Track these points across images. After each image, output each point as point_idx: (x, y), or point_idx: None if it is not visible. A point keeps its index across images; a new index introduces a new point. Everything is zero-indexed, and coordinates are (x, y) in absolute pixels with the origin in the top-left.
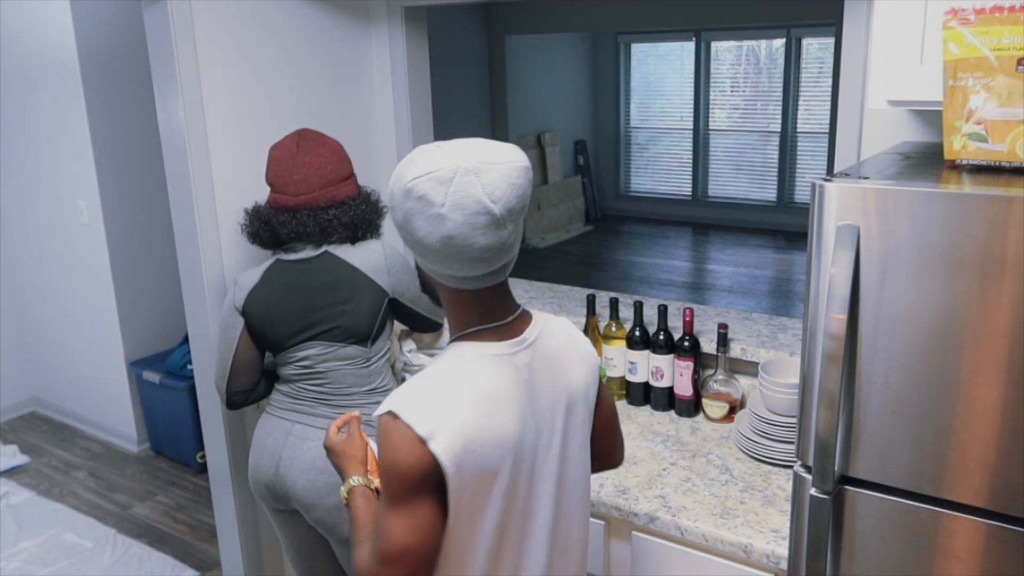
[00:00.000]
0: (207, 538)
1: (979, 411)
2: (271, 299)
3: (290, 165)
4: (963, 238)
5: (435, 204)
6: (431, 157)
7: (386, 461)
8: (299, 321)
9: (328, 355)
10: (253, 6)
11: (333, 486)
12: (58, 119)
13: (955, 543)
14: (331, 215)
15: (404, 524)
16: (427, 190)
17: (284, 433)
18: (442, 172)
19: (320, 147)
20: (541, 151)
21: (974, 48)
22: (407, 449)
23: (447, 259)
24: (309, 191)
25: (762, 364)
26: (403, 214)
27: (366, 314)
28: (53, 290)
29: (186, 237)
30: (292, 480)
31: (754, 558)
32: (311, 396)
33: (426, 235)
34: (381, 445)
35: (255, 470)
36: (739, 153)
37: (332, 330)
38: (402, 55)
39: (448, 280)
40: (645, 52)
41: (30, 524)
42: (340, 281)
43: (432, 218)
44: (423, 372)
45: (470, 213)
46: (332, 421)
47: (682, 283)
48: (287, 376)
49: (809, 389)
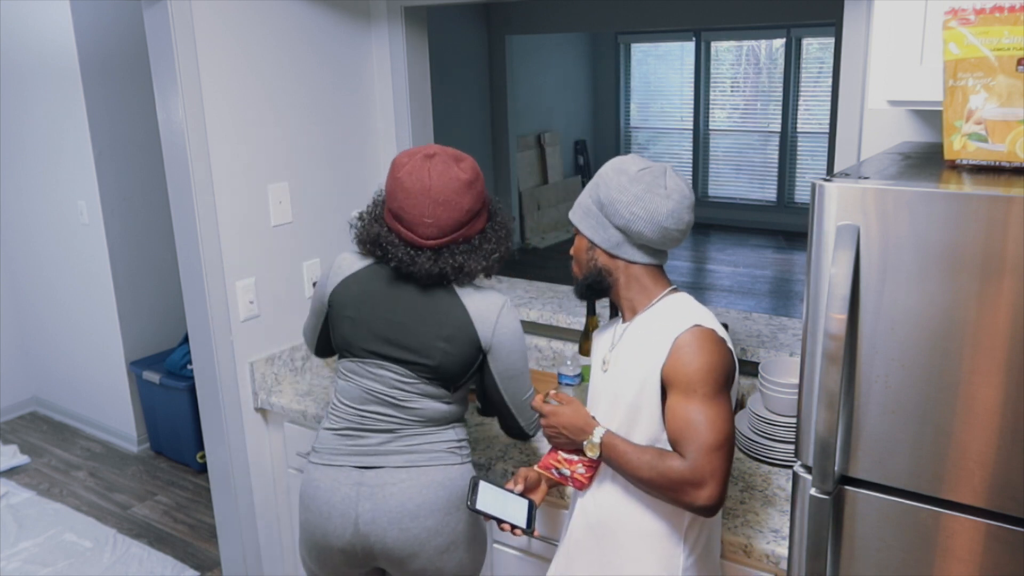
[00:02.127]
0: (207, 538)
1: (979, 411)
2: (366, 295)
3: (422, 201)
4: (963, 238)
5: (662, 187)
6: (639, 159)
7: (705, 363)
8: (390, 333)
9: (409, 386)
10: (253, 6)
11: (432, 530)
12: (58, 119)
13: (955, 543)
14: (459, 261)
15: (725, 414)
16: (653, 176)
17: (355, 484)
18: (656, 167)
19: (454, 180)
20: (541, 151)
21: (974, 48)
22: (723, 349)
23: (667, 229)
24: (441, 235)
25: (762, 364)
26: (633, 195)
27: (459, 361)
28: (53, 290)
29: (186, 237)
30: (380, 535)
31: (754, 558)
32: (379, 428)
33: (657, 206)
34: (696, 351)
35: (321, 535)
36: (739, 153)
37: (421, 364)
38: (402, 55)
39: (647, 255)
40: (645, 52)
41: (30, 524)
42: (448, 315)
43: (661, 196)
44: (675, 308)
45: (681, 196)
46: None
47: (682, 283)
48: (350, 394)
49: (809, 389)
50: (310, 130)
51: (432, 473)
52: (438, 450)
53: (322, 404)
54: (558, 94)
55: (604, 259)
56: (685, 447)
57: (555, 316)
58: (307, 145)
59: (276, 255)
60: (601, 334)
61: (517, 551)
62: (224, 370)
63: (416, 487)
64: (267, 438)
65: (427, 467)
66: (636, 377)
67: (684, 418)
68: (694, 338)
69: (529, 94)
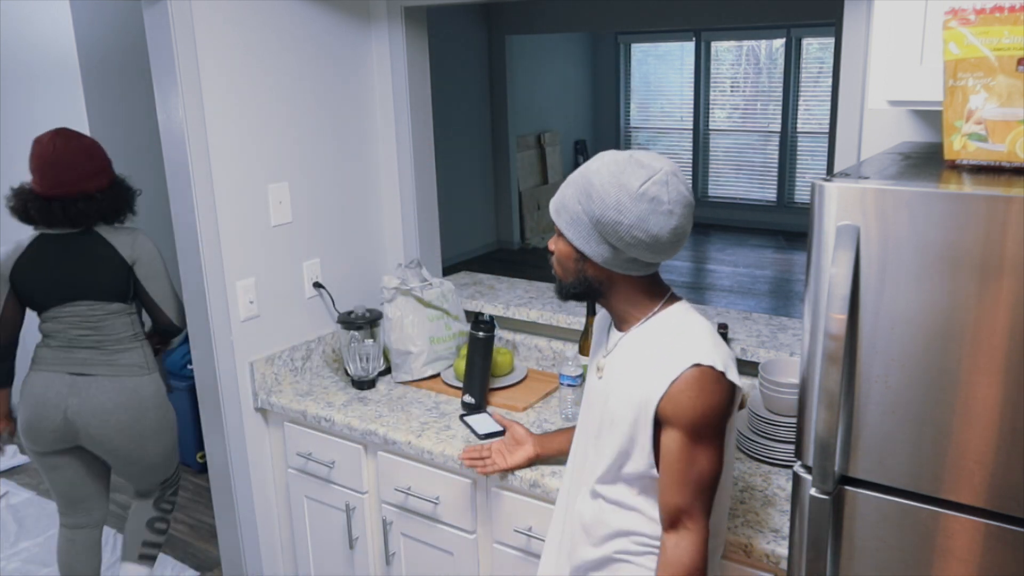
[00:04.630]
0: (207, 538)
1: (978, 411)
2: (38, 264)
3: (48, 160)
4: (963, 238)
5: (664, 203)
6: (637, 164)
7: (703, 407)
8: (67, 283)
9: (97, 309)
10: (253, 6)
11: (124, 423)
12: (58, 119)
13: (954, 543)
14: (79, 208)
15: (718, 455)
16: (656, 192)
17: (67, 385)
18: (658, 176)
19: (75, 145)
20: (541, 151)
21: (974, 48)
22: (723, 389)
23: (671, 246)
24: (60, 186)
25: (762, 364)
26: (636, 216)
27: (123, 278)
28: None
29: (186, 237)
30: (84, 422)
31: (754, 558)
32: (85, 346)
33: (660, 230)
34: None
35: (37, 420)
36: (739, 153)
37: (97, 289)
38: (402, 55)
39: (642, 268)
40: (645, 52)
41: (30, 524)
42: (99, 251)
43: (664, 215)
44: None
45: (684, 206)
46: (107, 374)
47: (682, 283)
48: (56, 331)
49: (809, 389)
50: (310, 130)
51: (126, 382)
52: (130, 364)
53: (322, 404)
54: (558, 94)
55: (594, 271)
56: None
57: (555, 316)
58: (307, 145)
59: (276, 255)
60: (599, 336)
61: (517, 551)
62: (224, 370)
63: (114, 391)
64: (267, 438)
65: (123, 377)
66: (631, 402)
67: (679, 460)
68: (695, 381)
69: (529, 94)
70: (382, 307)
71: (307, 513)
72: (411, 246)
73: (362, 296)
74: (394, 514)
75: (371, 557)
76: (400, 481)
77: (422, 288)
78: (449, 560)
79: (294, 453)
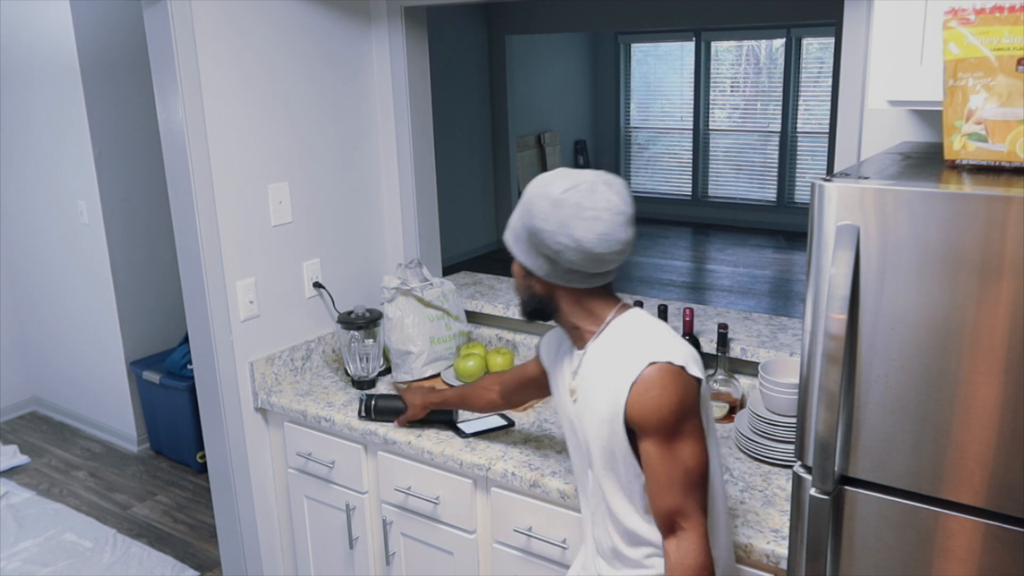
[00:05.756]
0: (207, 538)
1: (978, 411)
2: None
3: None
4: (962, 238)
5: (587, 208)
6: (564, 176)
7: (668, 403)
8: None
9: None
10: (253, 6)
11: None
12: (58, 119)
13: (954, 543)
14: None
15: (698, 445)
16: (578, 198)
17: None
18: (584, 184)
19: None
20: (541, 151)
21: (974, 48)
22: (683, 380)
23: (599, 255)
24: None
25: (762, 364)
26: (557, 222)
27: None
28: (53, 290)
29: (186, 237)
30: None
31: (754, 558)
32: None
33: (584, 234)
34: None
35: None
36: (739, 153)
37: None
38: (402, 55)
39: (584, 280)
40: (645, 52)
41: (30, 524)
42: None
43: (587, 220)
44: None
45: (613, 214)
46: None
47: (682, 283)
48: None
49: (809, 389)
50: (310, 130)
51: None
52: None
53: (322, 404)
54: (558, 94)
55: (541, 287)
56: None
57: None
58: (307, 145)
59: (276, 255)
60: (558, 358)
61: (517, 551)
62: (224, 370)
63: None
64: (267, 438)
65: None
66: (603, 419)
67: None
68: (655, 379)
69: (529, 94)
70: (382, 307)
71: (307, 513)
72: (411, 246)
73: (362, 296)
74: (394, 514)
75: (371, 557)
76: (400, 481)
77: (422, 288)
78: (449, 560)
79: (294, 453)
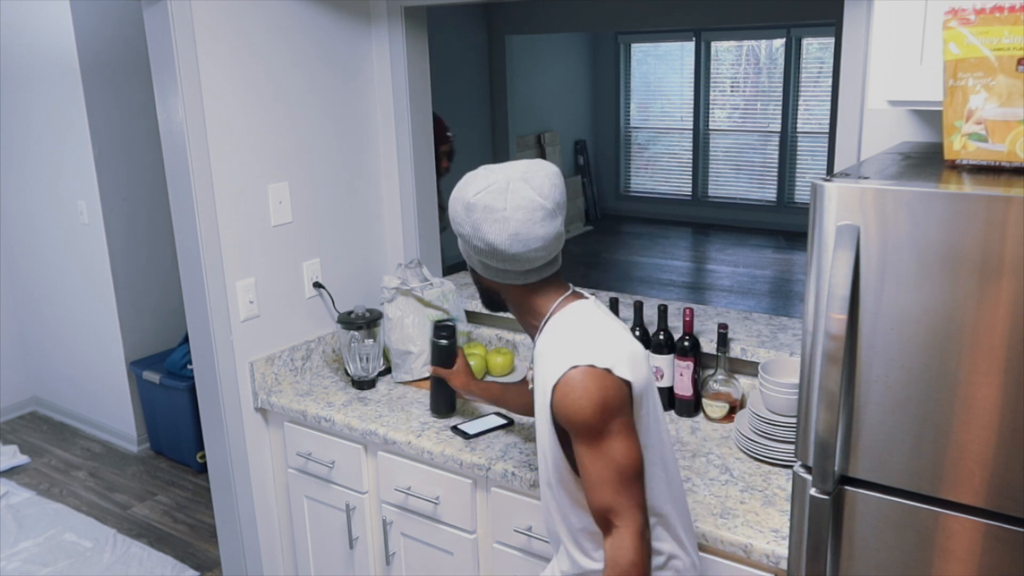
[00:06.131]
0: (207, 538)
1: (978, 411)
2: None
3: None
4: (962, 238)
5: (497, 209)
6: (483, 176)
7: (588, 406)
8: None
9: None
10: (253, 6)
11: None
12: (58, 119)
13: (954, 543)
14: None
15: (626, 446)
16: (488, 200)
17: None
18: (497, 184)
19: None
20: (541, 151)
21: (974, 48)
22: (603, 382)
23: (516, 255)
24: None
25: (762, 364)
26: (471, 226)
27: None
28: (53, 290)
29: (186, 237)
30: None
31: (754, 558)
32: None
33: (495, 236)
34: (577, 396)
35: None
36: (739, 153)
37: None
38: (402, 55)
39: (518, 278)
40: (645, 52)
41: (30, 524)
42: None
43: (498, 221)
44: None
45: (528, 210)
46: None
47: (682, 283)
48: None
49: (809, 389)
50: (310, 130)
51: None
52: None
53: (322, 404)
54: (558, 94)
55: (486, 283)
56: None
57: None
58: (307, 145)
59: (276, 255)
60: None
61: (517, 551)
62: (224, 370)
63: None
64: (267, 438)
65: None
66: (542, 416)
67: (589, 463)
68: (576, 383)
69: (529, 94)
70: (382, 307)
71: (307, 513)
72: (411, 246)
73: (362, 296)
74: (394, 514)
75: (371, 557)
76: (400, 481)
77: (422, 288)
78: (449, 560)
79: (294, 453)
